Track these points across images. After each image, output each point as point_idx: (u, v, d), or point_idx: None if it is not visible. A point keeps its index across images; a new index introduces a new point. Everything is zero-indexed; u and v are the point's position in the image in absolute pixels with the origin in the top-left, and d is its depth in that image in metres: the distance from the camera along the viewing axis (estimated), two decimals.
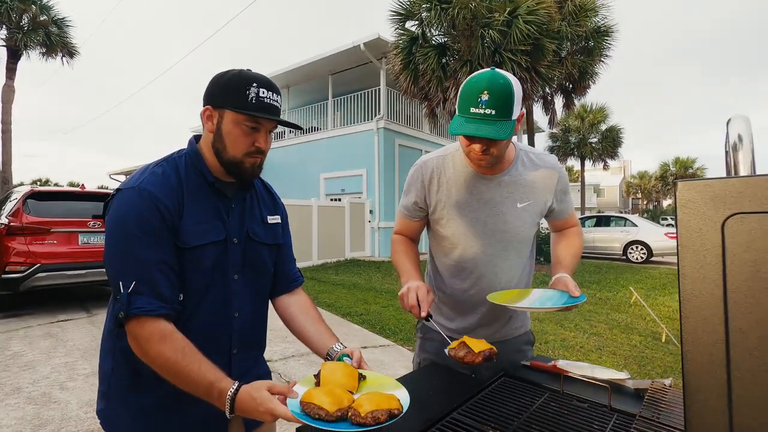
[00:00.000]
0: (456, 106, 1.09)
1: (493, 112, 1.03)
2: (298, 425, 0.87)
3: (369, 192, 12.24)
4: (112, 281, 0.88)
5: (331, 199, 12.94)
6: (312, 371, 3.49)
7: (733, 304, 0.37)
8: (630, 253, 12.30)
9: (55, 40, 13.59)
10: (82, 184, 6.01)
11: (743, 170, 0.50)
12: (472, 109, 1.04)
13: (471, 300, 1.31)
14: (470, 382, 1.15)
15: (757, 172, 0.50)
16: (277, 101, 0.97)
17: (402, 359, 3.90)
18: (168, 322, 0.87)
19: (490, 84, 1.03)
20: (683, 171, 38.77)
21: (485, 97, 1.02)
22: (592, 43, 10.16)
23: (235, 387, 0.81)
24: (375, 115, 12.26)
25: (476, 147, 1.11)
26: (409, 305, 1.12)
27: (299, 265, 9.45)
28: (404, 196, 1.36)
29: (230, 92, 0.92)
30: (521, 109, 1.11)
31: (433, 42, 9.38)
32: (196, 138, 1.03)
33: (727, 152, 0.74)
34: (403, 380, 1.17)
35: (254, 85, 0.92)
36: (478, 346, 1.04)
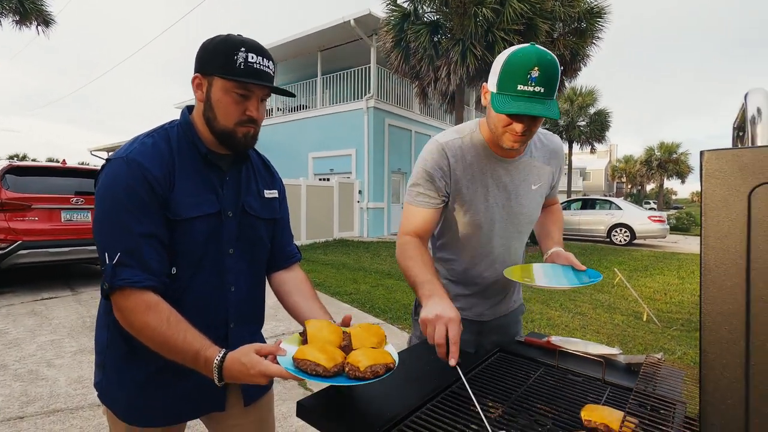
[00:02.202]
0: (494, 83, 1.03)
1: (542, 90, 0.97)
2: (300, 399, 0.88)
3: (358, 172, 12.16)
4: (99, 253, 0.87)
5: (320, 179, 12.83)
6: None
7: (756, 273, 0.37)
8: (614, 235, 12.55)
9: (29, 8, 12.91)
10: (63, 160, 5.83)
11: (761, 142, 0.49)
12: (520, 87, 0.97)
13: (484, 282, 1.30)
14: (468, 357, 1.16)
15: None
16: (268, 67, 0.93)
17: (392, 337, 3.95)
18: (154, 294, 0.85)
19: (540, 60, 0.97)
20: (667, 156, 39.38)
21: (535, 73, 0.96)
22: (585, 25, 10.07)
23: (221, 354, 0.81)
24: (365, 94, 12.08)
25: (518, 127, 1.03)
26: (436, 342, 0.90)
27: None
28: (420, 182, 1.17)
29: (218, 58, 0.89)
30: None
31: (425, 19, 9.20)
32: (189, 109, 1.00)
33: (736, 128, 0.74)
34: (402, 355, 1.18)
35: (242, 49, 0.88)
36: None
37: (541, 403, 0.89)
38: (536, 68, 0.96)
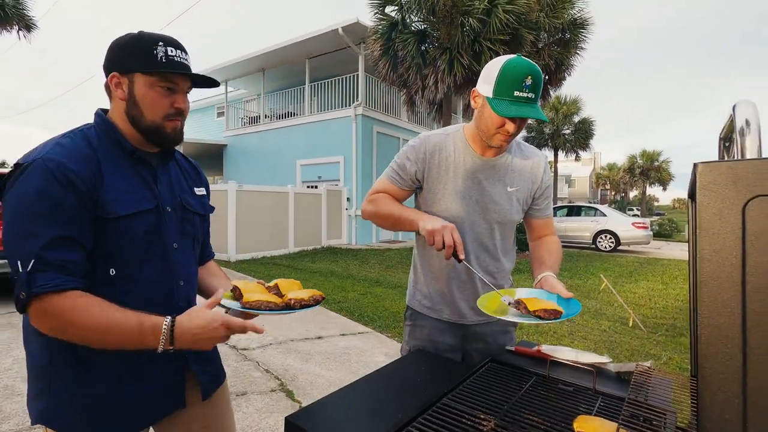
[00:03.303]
0: (489, 90, 1.14)
1: (533, 96, 1.12)
2: (288, 415, 0.85)
3: (346, 179, 12.14)
4: (10, 263, 0.80)
5: (308, 186, 12.76)
6: (290, 359, 3.47)
7: (752, 287, 0.37)
8: (599, 242, 12.73)
9: (11, 12, 12.68)
10: None
11: (750, 154, 0.50)
12: (516, 93, 1.10)
13: (459, 277, 1.34)
14: (458, 367, 1.15)
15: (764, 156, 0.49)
16: (186, 60, 0.94)
17: (381, 346, 3.92)
18: (75, 292, 0.82)
19: (532, 70, 1.10)
20: (649, 163, 40.29)
21: (529, 81, 1.10)
22: (569, 35, 10.29)
23: (170, 318, 0.82)
24: (353, 102, 12.10)
25: (511, 127, 1.16)
26: (446, 244, 1.11)
27: (276, 252, 9.29)
28: (399, 162, 1.34)
29: (136, 54, 0.89)
30: None
31: (413, 28, 9.28)
32: (103, 111, 0.98)
33: (722, 139, 0.75)
34: (392, 366, 1.17)
35: (160, 44, 0.89)
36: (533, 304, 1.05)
37: (533, 415, 0.88)
38: (529, 77, 1.10)
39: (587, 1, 10.19)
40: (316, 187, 12.32)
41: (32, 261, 0.78)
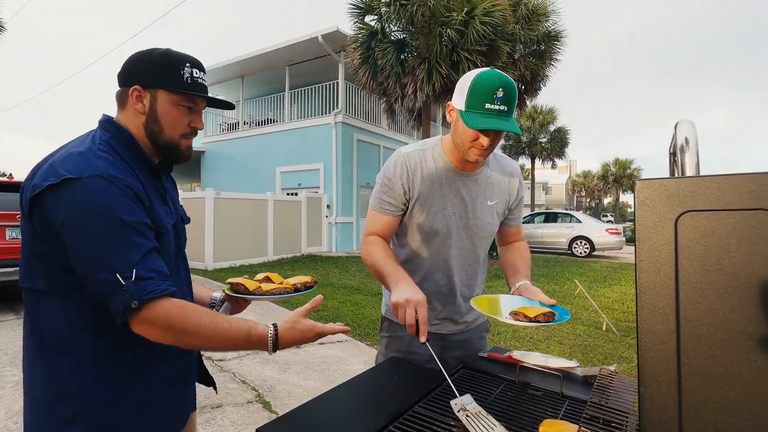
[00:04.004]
0: (461, 102, 1.13)
1: (505, 109, 1.09)
2: (259, 426, 0.85)
3: (326, 187, 12.11)
4: (103, 278, 0.78)
5: (288, 194, 12.66)
6: (268, 369, 3.42)
7: (684, 296, 0.40)
8: (575, 247, 13.04)
9: None
10: (10, 174, 5.49)
11: (689, 171, 0.53)
12: (488, 105, 1.08)
13: (440, 292, 1.34)
14: (432, 374, 1.17)
15: (701, 173, 0.53)
16: (206, 81, 0.99)
17: (360, 354, 3.90)
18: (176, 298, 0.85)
19: (503, 82, 1.09)
20: (622, 171, 41.61)
21: (500, 93, 1.08)
22: (543, 47, 10.60)
23: (272, 328, 0.89)
24: (333, 109, 12.12)
25: (485, 141, 1.13)
26: (407, 323, 1.03)
27: (254, 260, 9.16)
28: (383, 190, 1.27)
29: (163, 72, 0.91)
30: None
31: (392, 38, 9.39)
32: (112, 120, 0.96)
33: (671, 154, 0.79)
34: (365, 375, 1.17)
35: (187, 65, 0.93)
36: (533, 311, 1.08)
37: (502, 419, 0.90)
38: (501, 89, 1.08)
39: (561, 14, 10.55)
40: (296, 194, 12.24)
41: (134, 270, 0.79)
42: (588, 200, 52.38)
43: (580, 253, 12.91)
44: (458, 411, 0.87)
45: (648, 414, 0.41)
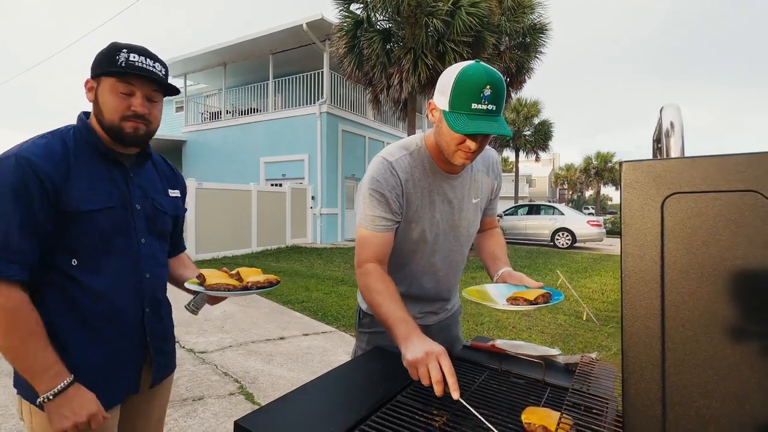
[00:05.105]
0: (445, 102, 1.02)
1: (494, 108, 0.98)
2: (237, 419, 0.83)
3: (311, 178, 12.00)
4: None
5: (272, 184, 12.51)
6: (251, 361, 3.39)
7: (669, 280, 0.39)
8: (557, 239, 13.26)
9: None
10: None
11: (674, 154, 0.53)
12: (474, 105, 0.97)
13: (427, 294, 1.32)
14: None
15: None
16: (154, 66, 1.02)
17: (344, 345, 3.90)
18: (23, 291, 0.91)
19: (491, 78, 0.97)
20: (603, 164, 42.39)
21: (488, 92, 0.97)
22: (529, 39, 10.64)
23: (63, 384, 0.92)
24: (318, 99, 11.97)
25: (472, 145, 1.03)
26: (435, 380, 0.84)
27: (238, 252, 9.09)
28: (374, 205, 1.12)
29: (103, 60, 0.99)
30: None
31: (378, 27, 9.29)
32: (86, 114, 1.08)
33: (655, 141, 0.79)
34: (349, 365, 1.16)
35: (124, 50, 0.99)
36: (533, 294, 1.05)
37: (485, 408, 0.90)
38: (488, 86, 0.97)
39: (546, 6, 10.59)
40: (280, 185, 12.10)
41: None
42: (570, 193, 53.28)
43: (562, 244, 13.13)
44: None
45: (632, 399, 0.40)
